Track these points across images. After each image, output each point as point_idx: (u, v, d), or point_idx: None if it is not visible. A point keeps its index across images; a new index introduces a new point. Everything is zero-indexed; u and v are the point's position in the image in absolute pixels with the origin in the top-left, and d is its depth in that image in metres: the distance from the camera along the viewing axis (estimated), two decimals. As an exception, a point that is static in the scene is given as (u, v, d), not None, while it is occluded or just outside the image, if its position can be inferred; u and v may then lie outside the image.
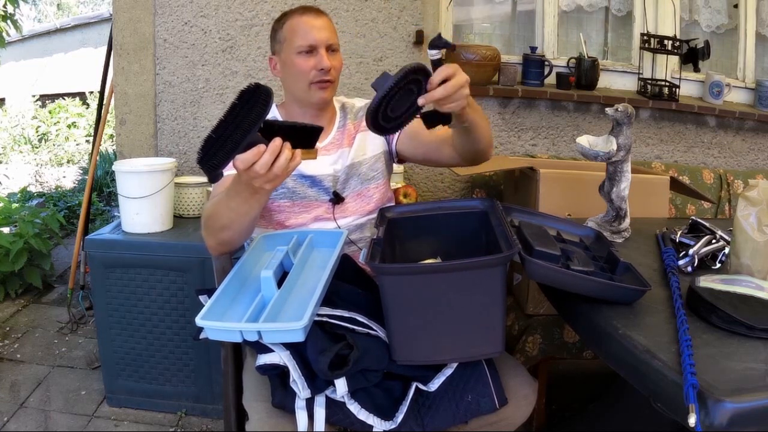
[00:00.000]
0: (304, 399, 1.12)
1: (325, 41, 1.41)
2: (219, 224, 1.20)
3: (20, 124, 6.20)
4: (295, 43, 1.40)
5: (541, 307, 1.93)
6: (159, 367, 2.10)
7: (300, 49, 1.40)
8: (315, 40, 1.39)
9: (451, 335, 1.10)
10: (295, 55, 1.41)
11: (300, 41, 1.40)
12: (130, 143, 2.47)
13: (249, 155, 1.02)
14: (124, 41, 2.41)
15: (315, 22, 1.41)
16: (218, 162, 1.00)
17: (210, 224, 1.23)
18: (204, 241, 1.29)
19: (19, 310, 2.89)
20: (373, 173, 1.49)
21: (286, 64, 1.44)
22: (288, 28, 1.43)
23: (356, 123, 1.53)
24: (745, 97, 2.78)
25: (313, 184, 1.43)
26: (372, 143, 1.51)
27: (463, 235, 1.35)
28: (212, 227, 1.23)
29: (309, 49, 1.40)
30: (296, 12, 1.45)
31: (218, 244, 1.27)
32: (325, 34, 1.41)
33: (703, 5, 2.75)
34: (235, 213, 1.15)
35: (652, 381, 0.90)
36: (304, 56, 1.40)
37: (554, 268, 1.10)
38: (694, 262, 1.29)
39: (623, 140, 1.43)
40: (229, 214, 1.16)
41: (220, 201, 1.18)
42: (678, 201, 2.35)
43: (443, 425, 1.18)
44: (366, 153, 1.49)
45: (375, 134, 1.49)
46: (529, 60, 2.55)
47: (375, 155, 1.50)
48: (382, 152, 1.52)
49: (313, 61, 1.40)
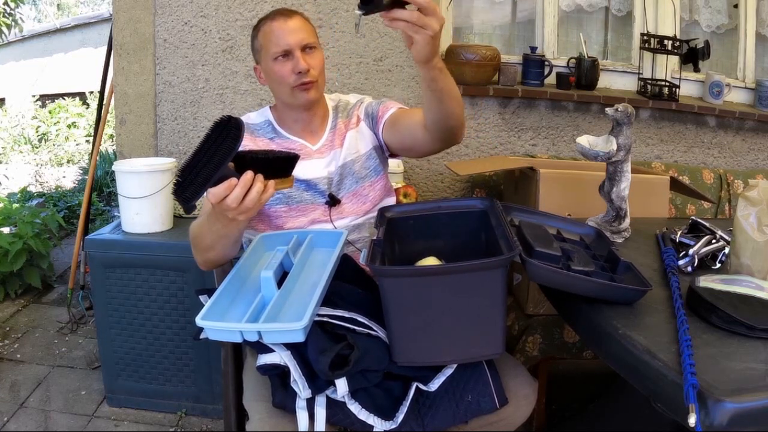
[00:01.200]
0: (305, 399, 1.12)
1: (298, 43, 1.39)
2: (203, 245, 1.26)
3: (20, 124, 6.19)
4: (270, 50, 1.40)
5: (541, 307, 1.93)
6: (159, 367, 2.11)
7: (275, 55, 1.39)
8: (288, 44, 1.38)
9: (451, 337, 1.10)
10: (272, 62, 1.40)
11: (274, 48, 1.39)
12: (130, 143, 2.47)
13: (220, 189, 1.06)
14: (124, 41, 2.41)
15: (285, 26, 1.39)
16: (190, 195, 1.03)
17: (195, 244, 1.29)
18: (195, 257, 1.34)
19: (19, 310, 2.89)
20: (366, 171, 1.48)
21: (267, 73, 1.44)
22: (262, 35, 1.42)
23: (346, 121, 1.52)
24: (745, 97, 2.77)
25: (308, 187, 1.42)
26: (363, 140, 1.50)
27: (463, 234, 1.35)
28: (197, 247, 1.29)
29: (284, 53, 1.39)
30: (267, 18, 1.43)
31: (205, 262, 1.32)
32: (298, 36, 1.39)
33: (703, 5, 2.75)
34: (216, 236, 1.21)
35: (652, 381, 0.90)
36: (280, 61, 1.39)
37: (555, 270, 1.10)
38: (694, 262, 1.29)
39: (623, 140, 1.43)
40: (211, 236, 1.22)
41: (203, 223, 1.23)
42: (678, 201, 2.35)
43: (443, 425, 1.18)
44: (358, 150, 1.49)
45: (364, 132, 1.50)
46: (529, 60, 2.55)
47: (366, 152, 1.49)
48: (373, 147, 1.51)
49: (290, 65, 1.38)
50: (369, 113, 1.52)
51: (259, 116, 1.51)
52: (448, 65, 2.49)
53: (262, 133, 1.47)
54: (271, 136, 1.47)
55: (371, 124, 1.51)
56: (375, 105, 1.52)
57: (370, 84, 2.47)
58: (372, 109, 1.52)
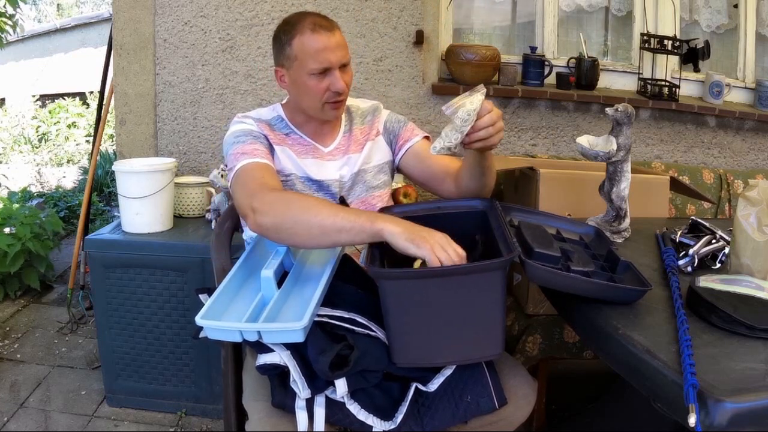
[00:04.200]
0: (304, 399, 1.12)
1: (339, 61, 1.33)
2: (296, 230, 1.16)
3: (20, 124, 6.19)
4: (308, 65, 1.33)
5: (541, 307, 1.93)
6: (159, 367, 2.10)
7: (313, 72, 1.33)
8: (330, 63, 1.32)
9: (450, 338, 1.10)
10: (307, 76, 1.33)
11: (313, 64, 1.32)
12: (130, 143, 2.47)
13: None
14: (124, 41, 2.41)
15: (329, 42, 1.31)
16: None
17: (289, 218, 1.16)
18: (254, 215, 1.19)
19: (19, 310, 2.89)
20: (377, 182, 1.48)
21: (296, 82, 1.37)
22: (299, 46, 1.33)
23: (364, 128, 1.50)
24: (745, 97, 2.77)
25: (319, 188, 1.42)
26: (378, 153, 1.50)
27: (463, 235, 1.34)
28: (288, 228, 1.17)
29: (323, 71, 1.33)
30: (306, 27, 1.33)
31: (267, 231, 1.19)
32: (339, 54, 1.33)
33: (703, 5, 2.74)
34: (324, 235, 1.14)
35: (652, 381, 0.90)
36: (317, 77, 1.33)
37: (555, 271, 1.10)
38: (694, 262, 1.29)
39: (623, 140, 1.42)
40: (313, 232, 1.15)
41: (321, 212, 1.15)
42: (678, 201, 2.35)
43: (443, 425, 1.18)
44: (372, 161, 1.48)
45: (381, 146, 1.52)
46: (529, 60, 2.55)
47: (379, 165, 1.49)
48: (386, 162, 1.51)
49: (327, 82, 1.34)
50: (390, 130, 1.52)
51: (270, 112, 1.47)
52: (449, 65, 2.52)
53: (277, 128, 1.44)
54: (287, 131, 1.44)
55: (390, 143, 1.51)
56: (396, 124, 1.52)
57: (370, 84, 2.47)
58: (393, 128, 1.51)
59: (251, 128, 1.39)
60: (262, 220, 1.18)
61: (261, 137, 1.38)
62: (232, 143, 1.36)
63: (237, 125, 1.40)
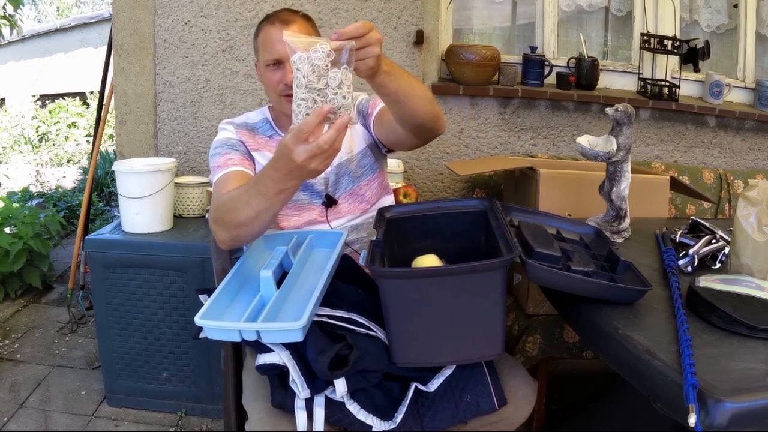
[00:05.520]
0: (304, 399, 1.12)
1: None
2: (237, 221, 1.18)
3: (20, 124, 6.19)
4: (263, 57, 1.39)
5: (541, 307, 1.93)
6: (159, 367, 2.10)
7: (268, 62, 1.39)
8: (279, 54, 1.36)
9: (450, 338, 1.10)
10: (264, 68, 1.40)
11: (266, 55, 1.38)
12: (130, 143, 2.47)
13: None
14: (124, 41, 2.41)
15: (280, 34, 1.29)
16: None
17: (227, 219, 1.21)
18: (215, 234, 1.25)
19: (19, 310, 2.89)
20: (362, 170, 1.48)
21: (260, 75, 1.45)
22: (260, 38, 1.41)
23: None
24: (745, 97, 2.77)
25: (304, 188, 1.42)
26: (357, 139, 1.49)
27: (463, 235, 1.34)
28: (229, 222, 1.20)
29: (275, 62, 1.37)
30: (268, 20, 1.41)
31: (231, 239, 1.24)
32: None
33: (703, 5, 2.74)
34: (255, 211, 1.14)
35: (652, 381, 0.90)
36: (272, 69, 1.38)
37: (555, 271, 1.10)
38: (694, 262, 1.29)
39: (623, 140, 1.42)
40: (248, 212, 1.15)
41: (240, 198, 1.17)
42: (678, 201, 2.35)
43: (443, 425, 1.18)
44: (352, 150, 1.48)
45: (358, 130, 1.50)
46: (529, 60, 2.55)
47: (361, 151, 1.49)
48: (368, 146, 1.50)
49: (279, 75, 1.38)
50: (360, 110, 1.51)
51: (257, 115, 1.52)
52: (449, 65, 2.52)
53: (261, 132, 1.48)
54: (270, 134, 1.48)
55: (363, 121, 1.51)
56: (365, 101, 1.51)
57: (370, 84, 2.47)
58: (362, 108, 1.51)
59: (229, 136, 1.44)
60: (220, 239, 1.24)
61: (237, 144, 1.42)
62: (211, 156, 1.41)
63: (219, 134, 1.46)
